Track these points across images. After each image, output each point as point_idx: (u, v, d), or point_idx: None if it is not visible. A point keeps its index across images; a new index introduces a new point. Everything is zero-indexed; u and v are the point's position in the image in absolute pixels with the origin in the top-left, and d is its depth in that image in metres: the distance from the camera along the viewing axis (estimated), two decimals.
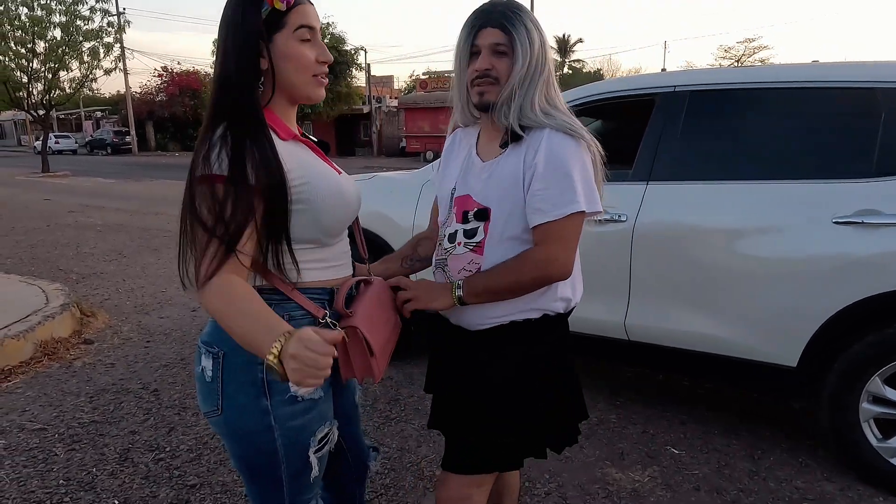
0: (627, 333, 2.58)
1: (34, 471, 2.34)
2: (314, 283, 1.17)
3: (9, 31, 16.59)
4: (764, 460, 2.42)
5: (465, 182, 1.37)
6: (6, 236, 7.53)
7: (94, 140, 37.63)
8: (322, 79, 1.17)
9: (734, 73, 2.60)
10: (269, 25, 1.09)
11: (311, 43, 1.13)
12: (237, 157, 1.02)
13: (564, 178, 1.23)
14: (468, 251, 1.33)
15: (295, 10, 1.10)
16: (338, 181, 1.20)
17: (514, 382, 1.34)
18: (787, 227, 2.27)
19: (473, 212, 1.32)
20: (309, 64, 1.13)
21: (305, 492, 1.23)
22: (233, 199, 1.02)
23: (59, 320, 3.74)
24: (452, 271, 1.36)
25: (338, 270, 1.23)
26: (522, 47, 1.25)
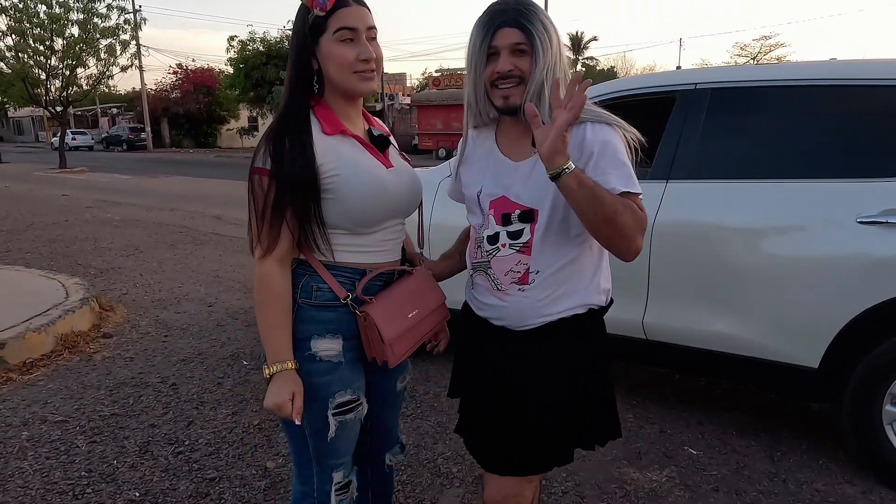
0: (645, 332, 2.57)
1: (56, 462, 2.38)
2: (345, 263, 1.30)
3: (28, 28, 16.82)
4: (783, 462, 2.40)
5: (496, 183, 1.34)
6: (26, 231, 7.64)
7: (110, 136, 38.02)
8: (366, 74, 1.26)
9: (756, 71, 2.58)
10: (314, 30, 1.24)
11: (353, 42, 1.23)
12: (277, 152, 1.20)
13: (623, 165, 1.22)
14: (514, 252, 1.31)
15: (335, 15, 1.22)
16: (377, 176, 1.29)
17: (565, 378, 1.34)
18: (810, 226, 2.25)
19: (517, 213, 1.30)
20: (348, 62, 1.23)
21: (331, 455, 1.34)
22: (274, 189, 1.20)
23: (79, 314, 3.79)
24: (498, 273, 1.33)
25: (375, 256, 1.33)
26: (542, 43, 1.24)
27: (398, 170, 1.35)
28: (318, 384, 1.28)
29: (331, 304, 1.28)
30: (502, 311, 1.34)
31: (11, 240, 7.02)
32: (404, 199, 1.36)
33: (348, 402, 1.31)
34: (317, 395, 1.28)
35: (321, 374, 1.28)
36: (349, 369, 1.31)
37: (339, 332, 1.29)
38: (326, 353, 1.27)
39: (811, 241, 2.24)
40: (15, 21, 16.73)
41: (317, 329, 1.28)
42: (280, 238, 1.22)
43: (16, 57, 17.14)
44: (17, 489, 2.20)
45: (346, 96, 1.30)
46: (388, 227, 1.34)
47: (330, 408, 1.29)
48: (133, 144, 35.51)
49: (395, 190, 1.32)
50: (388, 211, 1.32)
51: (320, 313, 1.28)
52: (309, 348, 1.27)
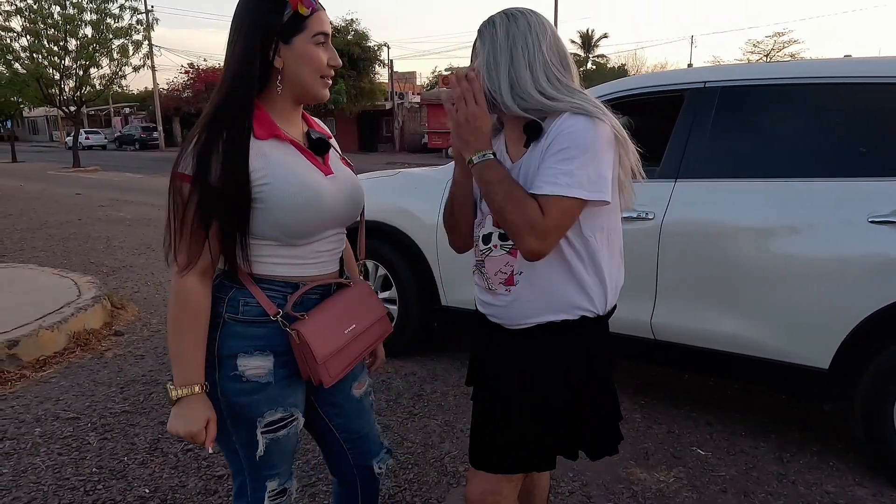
0: (654, 332, 2.56)
1: (68, 458, 2.41)
2: (276, 276, 1.21)
3: (42, 29, 17.01)
4: (793, 463, 2.38)
5: None
6: (40, 230, 7.74)
7: (123, 136, 38.43)
8: (328, 80, 1.23)
9: (766, 69, 2.55)
10: (289, 28, 1.15)
11: (325, 47, 1.20)
12: (204, 156, 1.09)
13: (558, 164, 1.17)
14: (504, 253, 1.31)
15: (314, 17, 1.17)
16: (313, 184, 1.19)
17: (547, 381, 1.33)
18: (820, 225, 2.23)
19: None
20: (321, 66, 1.19)
21: (263, 468, 1.28)
22: (196, 199, 1.09)
23: (91, 312, 3.84)
24: (489, 273, 1.34)
25: (309, 268, 1.24)
26: (482, 39, 1.27)
27: (337, 176, 1.26)
28: (245, 404, 1.20)
29: (259, 320, 1.19)
30: (495, 309, 1.35)
31: (26, 238, 7.12)
32: (343, 208, 1.27)
33: (279, 419, 1.23)
34: (244, 415, 1.21)
35: (248, 393, 1.20)
36: (280, 387, 1.22)
37: (269, 349, 1.20)
38: (254, 373, 1.19)
39: (822, 241, 2.22)
40: (30, 22, 16.93)
41: (244, 346, 1.19)
42: (202, 250, 1.13)
43: (31, 57, 17.36)
44: (30, 485, 2.23)
45: (297, 99, 1.23)
46: (324, 238, 1.25)
47: (259, 427, 1.22)
48: (145, 143, 35.87)
49: (333, 198, 1.23)
50: (324, 221, 1.22)
51: (248, 329, 1.19)
52: (235, 367, 1.18)
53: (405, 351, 3.39)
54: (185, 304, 1.14)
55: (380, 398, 2.95)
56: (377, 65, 29.60)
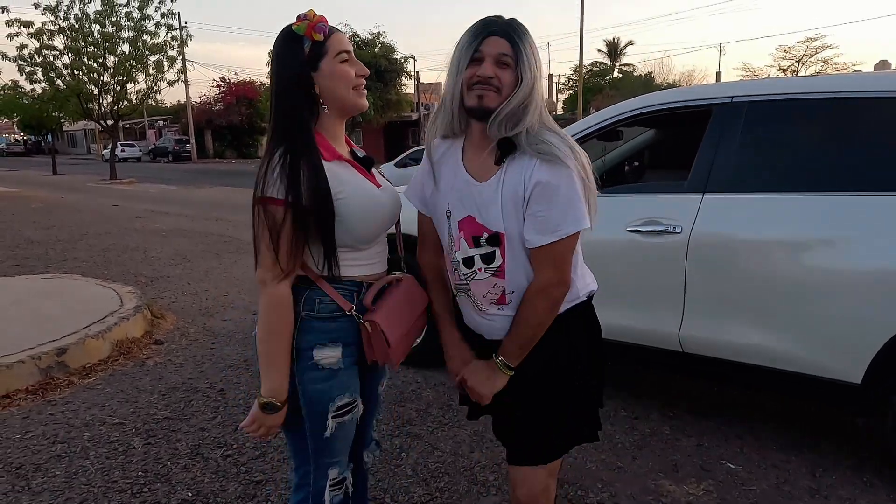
0: (682, 345, 2.57)
1: (115, 462, 2.53)
2: (347, 277, 1.38)
3: (83, 47, 17.67)
4: (826, 478, 2.37)
5: (461, 203, 1.37)
6: (81, 240, 8.04)
7: (157, 148, 39.49)
8: (362, 90, 1.37)
9: (793, 84, 2.56)
10: (313, 55, 1.30)
11: (350, 62, 1.34)
12: (293, 180, 1.24)
13: (568, 199, 1.26)
14: (490, 276, 1.37)
15: (332, 38, 1.31)
16: (373, 195, 1.38)
17: (565, 371, 1.43)
18: (852, 238, 2.23)
19: (486, 237, 1.34)
20: (351, 78, 1.34)
21: (328, 454, 1.43)
22: (290, 220, 1.25)
23: (133, 321, 4.00)
24: (477, 296, 1.41)
25: (370, 268, 1.42)
26: (528, 61, 1.27)
27: (385, 188, 1.45)
28: (321, 390, 1.36)
29: (333, 316, 1.35)
30: (490, 327, 1.43)
31: (68, 249, 7.40)
32: (392, 215, 1.45)
33: (346, 404, 1.40)
34: (319, 400, 1.37)
35: (323, 380, 1.36)
36: (347, 374, 1.39)
37: (339, 341, 1.36)
38: (328, 361, 1.35)
39: (855, 254, 2.22)
40: (72, 41, 17.61)
41: (319, 339, 1.35)
42: (298, 264, 1.29)
43: (72, 74, 18.03)
44: (81, 486, 2.35)
45: (343, 115, 1.37)
46: (379, 241, 1.44)
47: (330, 411, 1.37)
48: (178, 155, 36.78)
49: (386, 207, 1.41)
50: (383, 226, 1.42)
51: (323, 324, 1.35)
52: (311, 357, 1.35)
53: (435, 361, 3.45)
54: (283, 311, 1.30)
55: (410, 408, 3.01)
56: (403, 76, 29.92)
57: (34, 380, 3.23)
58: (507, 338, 1.39)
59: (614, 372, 3.43)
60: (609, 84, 38.20)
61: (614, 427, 2.80)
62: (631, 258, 2.66)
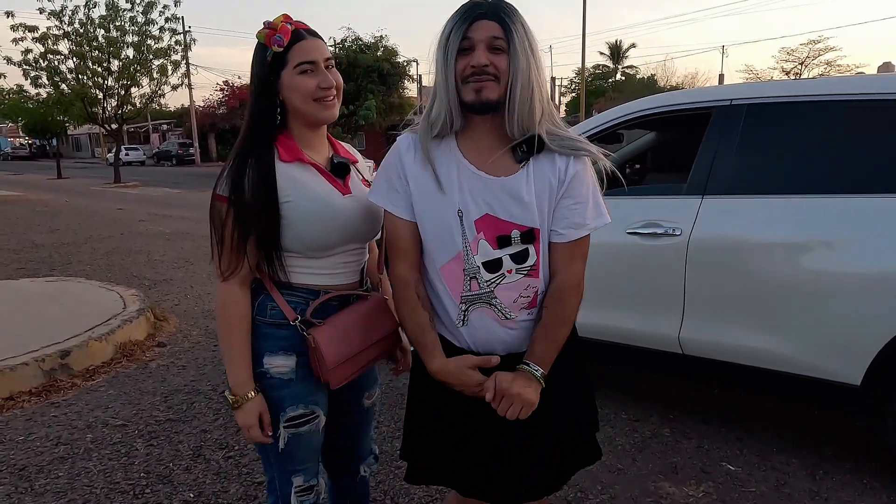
0: (682, 347, 2.58)
1: (118, 463, 2.54)
2: (300, 284, 1.34)
3: (87, 51, 17.78)
4: (826, 480, 2.37)
5: (476, 201, 1.21)
6: (85, 244, 8.08)
7: (161, 152, 39.62)
8: (327, 101, 1.32)
9: (791, 86, 2.57)
10: (275, 65, 1.29)
11: (313, 73, 1.30)
12: (238, 180, 1.25)
13: (594, 194, 1.24)
14: (523, 276, 1.23)
15: (294, 49, 1.28)
16: (329, 202, 1.32)
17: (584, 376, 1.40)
18: (851, 240, 2.23)
19: (518, 235, 1.21)
20: (309, 91, 1.29)
21: (288, 462, 1.40)
22: (232, 219, 1.25)
23: (136, 324, 4.02)
24: (506, 302, 1.24)
25: (329, 278, 1.37)
26: (521, 43, 1.13)
27: (355, 196, 1.37)
28: (270, 399, 1.34)
29: (282, 324, 1.32)
30: (515, 338, 1.27)
31: (73, 252, 7.44)
32: (361, 225, 1.37)
33: (301, 415, 1.36)
34: (270, 409, 1.34)
35: (272, 389, 1.34)
36: (302, 385, 1.35)
37: (291, 350, 1.33)
38: (278, 370, 1.33)
39: (852, 256, 2.22)
40: (76, 45, 17.72)
41: (270, 346, 1.33)
42: (243, 261, 1.27)
43: (76, 78, 18.14)
44: (84, 487, 2.36)
45: (309, 124, 1.35)
46: (344, 251, 1.37)
47: (281, 421, 1.34)
48: (182, 159, 36.88)
49: (350, 216, 1.34)
50: (342, 236, 1.34)
51: (273, 331, 1.33)
52: (262, 364, 1.33)
53: None
54: (230, 309, 1.30)
55: None
56: (406, 80, 29.97)
57: (38, 382, 3.26)
58: (538, 343, 1.23)
59: (614, 374, 3.44)
60: (612, 87, 38.21)
61: (614, 429, 2.80)
62: (631, 260, 2.67)
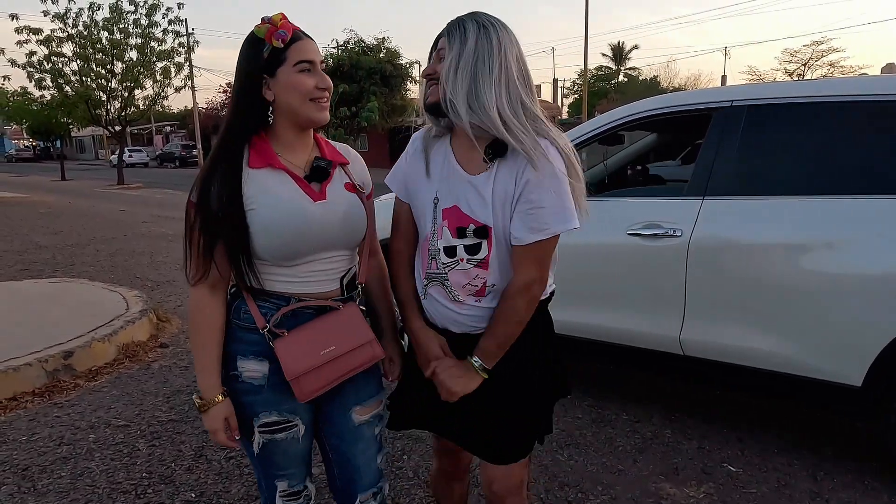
0: (682, 348, 2.58)
1: (120, 464, 2.56)
2: (272, 291, 1.32)
3: (91, 54, 17.85)
4: (827, 481, 2.37)
5: (449, 192, 1.35)
6: (88, 245, 8.11)
7: (164, 153, 39.73)
8: (322, 103, 1.29)
9: (792, 87, 2.57)
10: (272, 62, 1.24)
11: (312, 73, 1.27)
12: (205, 186, 1.24)
13: (556, 199, 1.25)
14: (473, 267, 1.34)
15: (293, 47, 1.24)
16: (298, 210, 1.26)
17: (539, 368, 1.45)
18: (853, 242, 2.23)
19: (472, 228, 1.32)
20: (307, 90, 1.26)
21: (269, 466, 1.40)
22: (199, 222, 1.24)
23: (139, 325, 4.03)
24: (455, 286, 1.37)
25: (301, 286, 1.32)
26: (450, 43, 1.26)
27: (330, 202, 1.31)
28: (243, 403, 1.33)
29: (254, 328, 1.30)
30: (465, 319, 1.39)
31: (76, 254, 7.47)
32: (336, 231, 1.32)
33: (276, 422, 1.34)
34: (242, 414, 1.33)
35: (245, 393, 1.32)
36: (275, 392, 1.32)
37: (263, 356, 1.30)
38: (250, 375, 1.31)
39: (854, 258, 2.22)
40: (80, 47, 17.80)
41: (242, 349, 1.32)
42: (209, 267, 1.25)
43: (80, 81, 18.20)
44: (86, 487, 2.37)
45: (299, 125, 1.30)
46: (317, 259, 1.32)
47: (255, 426, 1.33)
48: (185, 161, 36.95)
49: (321, 223, 1.29)
50: (310, 243, 1.29)
51: (246, 335, 1.31)
52: (235, 367, 1.32)
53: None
54: (198, 314, 1.29)
55: None
56: (409, 81, 29.99)
57: (41, 382, 3.27)
58: (484, 338, 1.36)
59: (615, 375, 3.44)
60: (614, 88, 38.21)
61: (615, 430, 2.80)
62: (631, 261, 2.67)
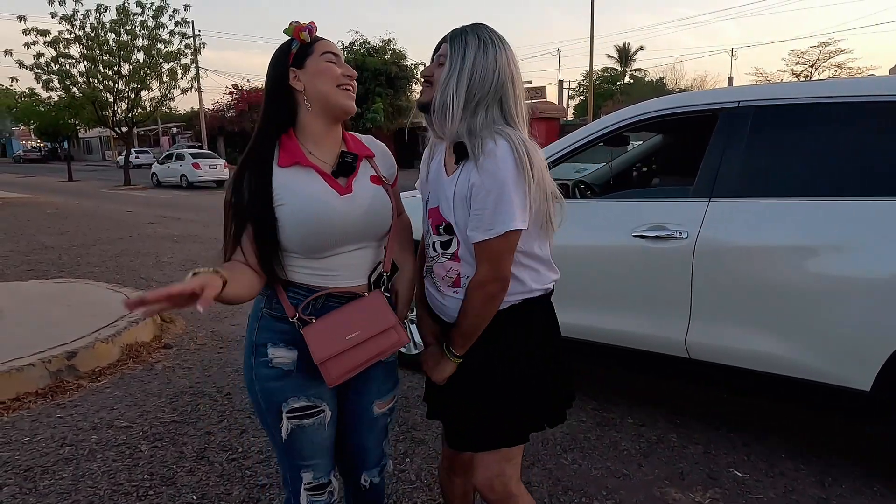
0: (688, 351, 2.55)
1: (122, 465, 2.55)
2: (297, 282, 1.38)
3: (98, 55, 17.95)
4: (835, 487, 2.33)
5: (435, 194, 1.49)
6: (94, 246, 8.13)
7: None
8: (350, 91, 1.37)
9: (799, 88, 2.54)
10: (300, 56, 1.35)
11: (336, 63, 1.37)
12: (238, 185, 1.32)
13: (498, 201, 1.30)
14: (448, 260, 1.46)
15: (319, 43, 1.37)
16: (324, 205, 1.32)
17: (507, 363, 1.46)
18: (861, 244, 2.20)
19: (443, 226, 1.44)
20: (336, 75, 1.35)
21: (294, 456, 1.43)
22: (232, 218, 1.32)
23: (143, 326, 4.03)
24: (437, 277, 1.50)
25: (329, 280, 1.38)
26: (451, 52, 1.36)
27: (355, 195, 1.37)
28: (272, 389, 1.39)
29: (283, 318, 1.37)
30: (444, 308, 1.50)
31: (82, 254, 7.49)
32: (360, 225, 1.38)
33: (304, 407, 1.39)
34: (272, 399, 1.39)
35: (274, 378, 1.38)
36: (304, 378, 1.39)
37: (293, 344, 1.37)
38: (280, 361, 1.38)
39: (862, 260, 2.19)
40: (87, 49, 17.90)
41: (272, 337, 1.38)
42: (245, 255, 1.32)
43: (87, 82, 18.32)
44: (88, 489, 2.37)
45: (329, 116, 1.37)
46: (345, 252, 1.38)
47: (283, 411, 1.39)
48: None
49: (345, 216, 1.34)
50: (337, 236, 1.34)
51: (276, 324, 1.38)
52: (265, 354, 1.38)
53: None
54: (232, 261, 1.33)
55: (415, 413, 3.00)
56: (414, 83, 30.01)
57: (44, 383, 3.27)
58: (453, 327, 1.47)
59: (620, 378, 3.41)
60: (620, 90, 38.12)
61: (620, 434, 2.78)
62: (637, 263, 2.65)
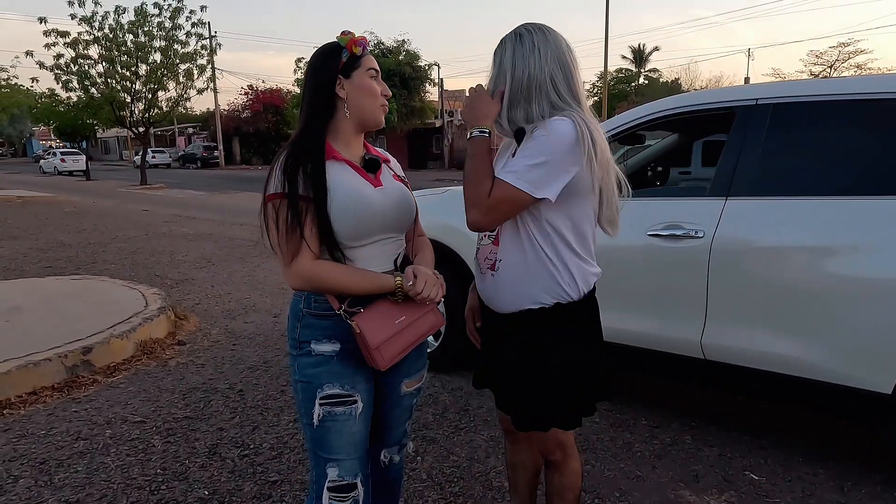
0: (704, 352, 2.52)
1: (135, 459, 2.57)
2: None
3: (116, 56, 18.18)
4: (854, 492, 2.28)
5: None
6: (111, 244, 8.23)
7: (186, 155, 40.34)
8: (385, 108, 1.50)
9: (818, 85, 2.49)
10: (348, 66, 1.44)
11: (377, 80, 1.48)
12: (293, 175, 1.35)
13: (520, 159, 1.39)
14: (490, 243, 1.55)
15: (366, 56, 1.47)
16: (363, 194, 1.42)
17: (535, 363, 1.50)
18: (882, 244, 2.15)
19: None
20: (377, 93, 1.47)
21: (322, 448, 1.46)
22: (289, 208, 1.35)
23: (157, 322, 4.07)
24: (481, 259, 1.58)
25: (369, 267, 1.44)
26: (493, 64, 1.50)
27: (386, 188, 1.48)
28: (310, 375, 1.43)
29: (326, 314, 1.42)
30: (485, 291, 1.59)
31: (98, 252, 7.58)
32: (393, 215, 1.48)
33: (338, 395, 1.43)
34: (308, 384, 1.44)
35: (313, 365, 1.43)
36: (342, 366, 1.44)
37: (335, 338, 1.43)
38: (322, 350, 1.43)
39: (882, 260, 2.14)
40: (106, 50, 18.14)
41: (315, 334, 1.44)
42: (301, 245, 1.36)
43: (105, 83, 18.56)
44: (101, 482, 2.39)
45: (361, 125, 1.47)
46: (379, 241, 1.47)
47: (317, 397, 1.42)
48: (206, 162, 37.50)
49: (382, 207, 1.44)
50: (375, 226, 1.44)
51: (318, 321, 1.43)
52: (310, 350, 1.44)
53: (452, 366, 3.44)
54: (317, 271, 1.37)
55: (426, 412, 3.00)
56: (428, 83, 30.03)
57: (60, 378, 3.31)
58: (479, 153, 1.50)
59: (634, 379, 3.38)
60: (634, 90, 37.86)
61: (633, 436, 2.75)
62: (651, 263, 2.62)
